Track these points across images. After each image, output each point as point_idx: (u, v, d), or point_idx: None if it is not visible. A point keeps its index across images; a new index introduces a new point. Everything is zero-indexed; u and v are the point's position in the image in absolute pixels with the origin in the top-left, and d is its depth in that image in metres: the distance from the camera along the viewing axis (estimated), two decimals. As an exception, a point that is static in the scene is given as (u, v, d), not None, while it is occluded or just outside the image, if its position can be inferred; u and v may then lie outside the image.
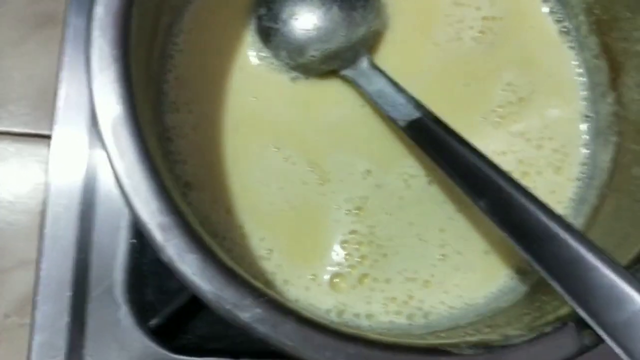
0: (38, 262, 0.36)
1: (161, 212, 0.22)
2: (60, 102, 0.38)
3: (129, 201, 0.22)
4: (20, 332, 0.53)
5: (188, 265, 0.22)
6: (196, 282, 0.22)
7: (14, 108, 0.56)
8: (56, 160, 0.38)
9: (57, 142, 0.38)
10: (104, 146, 0.22)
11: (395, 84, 0.31)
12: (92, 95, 0.22)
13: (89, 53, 0.22)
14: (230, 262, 0.22)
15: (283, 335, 0.22)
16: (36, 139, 0.55)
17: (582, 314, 0.23)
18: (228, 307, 0.22)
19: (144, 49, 0.26)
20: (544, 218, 0.26)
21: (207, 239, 0.23)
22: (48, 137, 0.48)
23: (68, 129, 0.38)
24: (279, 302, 0.22)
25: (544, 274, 0.25)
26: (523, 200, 0.26)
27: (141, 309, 0.36)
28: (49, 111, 0.54)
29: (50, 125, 0.39)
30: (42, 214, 0.37)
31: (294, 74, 0.32)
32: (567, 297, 0.24)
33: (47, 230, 0.36)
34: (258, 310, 0.22)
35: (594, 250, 0.24)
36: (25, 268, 0.53)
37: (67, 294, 0.36)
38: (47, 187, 0.37)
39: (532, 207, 0.26)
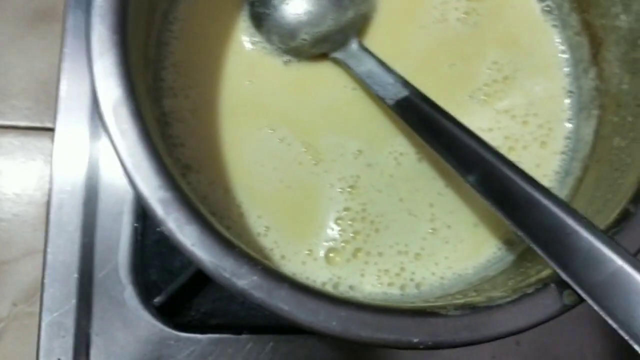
0: (45, 247, 0.38)
1: (161, 188, 0.23)
2: (62, 94, 0.39)
3: (131, 178, 0.23)
4: (28, 320, 0.55)
5: (187, 236, 0.23)
6: (195, 252, 0.23)
7: (17, 102, 0.57)
8: (60, 151, 0.39)
9: (60, 134, 0.40)
10: (105, 127, 0.23)
11: (383, 64, 0.32)
12: (92, 78, 0.23)
13: (90, 38, 0.24)
14: (226, 233, 0.24)
15: (278, 300, 0.23)
16: (40, 132, 0.57)
17: (563, 275, 0.25)
18: (226, 275, 0.23)
19: (141, 36, 0.28)
20: (527, 187, 0.27)
21: (206, 213, 0.24)
22: (51, 129, 0.49)
23: (70, 120, 0.40)
24: (273, 270, 0.24)
25: (527, 239, 0.26)
26: (508, 172, 0.28)
27: (145, 289, 0.37)
28: (50, 104, 0.56)
29: (53, 118, 0.40)
30: (48, 201, 0.38)
31: (286, 57, 0.34)
32: (549, 261, 0.25)
33: (53, 216, 0.37)
34: (254, 278, 0.23)
35: (574, 215, 0.26)
36: (32, 258, 0.55)
37: (73, 276, 0.37)
38: (51, 175, 0.38)
39: (516, 178, 0.27)
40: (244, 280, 0.23)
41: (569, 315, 0.25)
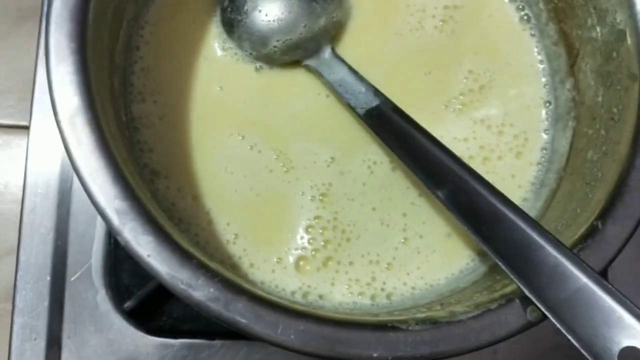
0: (18, 248, 0.38)
1: (117, 197, 0.23)
2: (37, 93, 0.39)
3: (87, 188, 0.23)
4: (5, 319, 0.54)
5: (143, 247, 0.23)
6: (151, 263, 0.23)
7: (0, 100, 0.57)
8: (34, 151, 0.39)
9: (34, 133, 0.39)
10: (61, 136, 0.23)
11: (355, 73, 0.32)
12: (50, 86, 0.23)
13: (47, 46, 0.23)
14: (184, 243, 0.24)
15: (235, 312, 0.23)
16: (22, 130, 0.56)
17: (526, 291, 0.24)
18: (182, 286, 0.23)
19: (107, 41, 0.27)
20: (494, 202, 0.27)
21: (163, 222, 0.24)
22: (32, 128, 0.48)
23: (46, 119, 0.39)
24: (231, 281, 0.24)
25: (492, 254, 0.26)
26: (476, 186, 0.27)
27: (118, 293, 0.37)
28: (34, 103, 0.55)
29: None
30: (22, 202, 0.38)
31: (258, 64, 0.33)
32: (512, 276, 0.25)
33: (25, 218, 0.37)
34: (211, 290, 0.23)
35: (540, 231, 0.25)
36: (12, 256, 0.55)
37: (46, 278, 0.37)
38: (25, 176, 0.38)
39: (484, 192, 0.27)
40: (201, 292, 0.23)
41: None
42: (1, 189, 0.57)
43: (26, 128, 0.56)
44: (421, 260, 0.32)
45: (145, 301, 0.36)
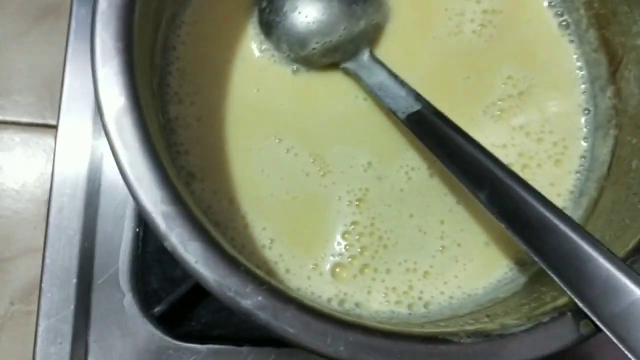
0: (44, 250, 0.37)
1: (164, 201, 0.22)
2: (66, 92, 0.38)
3: (133, 191, 0.22)
4: (25, 319, 0.54)
5: (191, 253, 0.22)
6: (199, 269, 0.22)
7: (19, 98, 0.56)
8: (62, 151, 0.38)
9: (62, 133, 0.39)
10: (107, 137, 0.22)
11: (395, 77, 0.31)
12: (96, 87, 0.23)
13: (93, 46, 0.23)
14: (232, 250, 0.23)
15: (284, 322, 0.22)
16: (41, 128, 0.56)
17: (580, 304, 0.24)
18: (230, 294, 0.22)
19: (148, 41, 0.27)
20: (542, 210, 0.26)
21: (210, 227, 0.23)
22: (53, 126, 0.48)
23: (73, 119, 0.39)
24: (280, 290, 0.23)
25: (542, 265, 0.25)
26: (522, 193, 0.27)
27: (145, 297, 0.36)
28: (53, 101, 0.55)
29: (55, 115, 0.39)
30: (48, 202, 0.37)
31: (295, 66, 0.33)
32: (565, 288, 0.24)
33: (52, 219, 0.37)
34: (259, 298, 0.22)
35: (592, 242, 0.25)
36: (30, 256, 0.54)
37: (72, 281, 0.36)
38: (52, 176, 0.37)
39: (531, 200, 0.26)
40: (249, 300, 0.22)
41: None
42: (18, 188, 0.56)
43: (45, 126, 0.56)
44: (459, 269, 0.32)
45: (175, 306, 0.35)
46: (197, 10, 0.32)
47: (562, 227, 0.25)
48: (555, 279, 0.24)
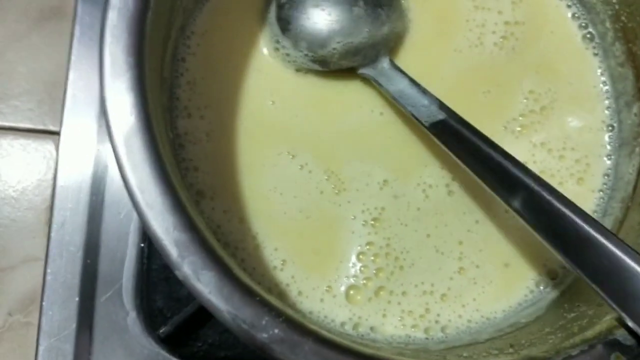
0: (45, 266, 0.36)
1: (176, 228, 0.21)
2: (69, 99, 0.37)
3: (143, 216, 0.21)
4: (24, 330, 0.52)
5: (204, 283, 0.21)
6: (212, 301, 0.21)
7: (19, 103, 0.54)
8: (64, 160, 0.37)
9: (65, 140, 0.37)
10: (117, 159, 0.21)
11: (417, 85, 0.30)
12: (104, 104, 0.21)
13: (102, 60, 0.21)
14: (247, 279, 0.22)
15: (301, 356, 0.21)
16: (41, 134, 0.54)
17: (628, 321, 0.22)
18: (245, 327, 0.21)
19: (158, 54, 0.25)
20: (578, 221, 0.24)
21: (224, 255, 0.22)
22: (53, 132, 0.47)
23: (76, 126, 0.38)
24: (297, 322, 0.22)
25: (585, 279, 0.24)
26: (555, 203, 0.25)
27: (150, 315, 0.35)
28: (54, 106, 0.53)
29: (55, 121, 0.38)
30: (48, 210, 0.36)
31: (310, 77, 0.31)
32: (609, 302, 0.23)
33: (54, 234, 0.35)
34: (276, 331, 0.21)
35: (634, 257, 0.23)
36: (29, 266, 0.52)
37: (74, 299, 0.35)
38: (54, 189, 0.36)
39: (566, 210, 0.25)
40: (265, 333, 0.21)
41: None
42: (17, 196, 0.54)
43: (46, 132, 0.54)
44: (477, 292, 0.31)
45: (180, 327, 0.34)
46: (208, 20, 0.31)
47: (602, 240, 0.23)
48: (601, 294, 0.23)
